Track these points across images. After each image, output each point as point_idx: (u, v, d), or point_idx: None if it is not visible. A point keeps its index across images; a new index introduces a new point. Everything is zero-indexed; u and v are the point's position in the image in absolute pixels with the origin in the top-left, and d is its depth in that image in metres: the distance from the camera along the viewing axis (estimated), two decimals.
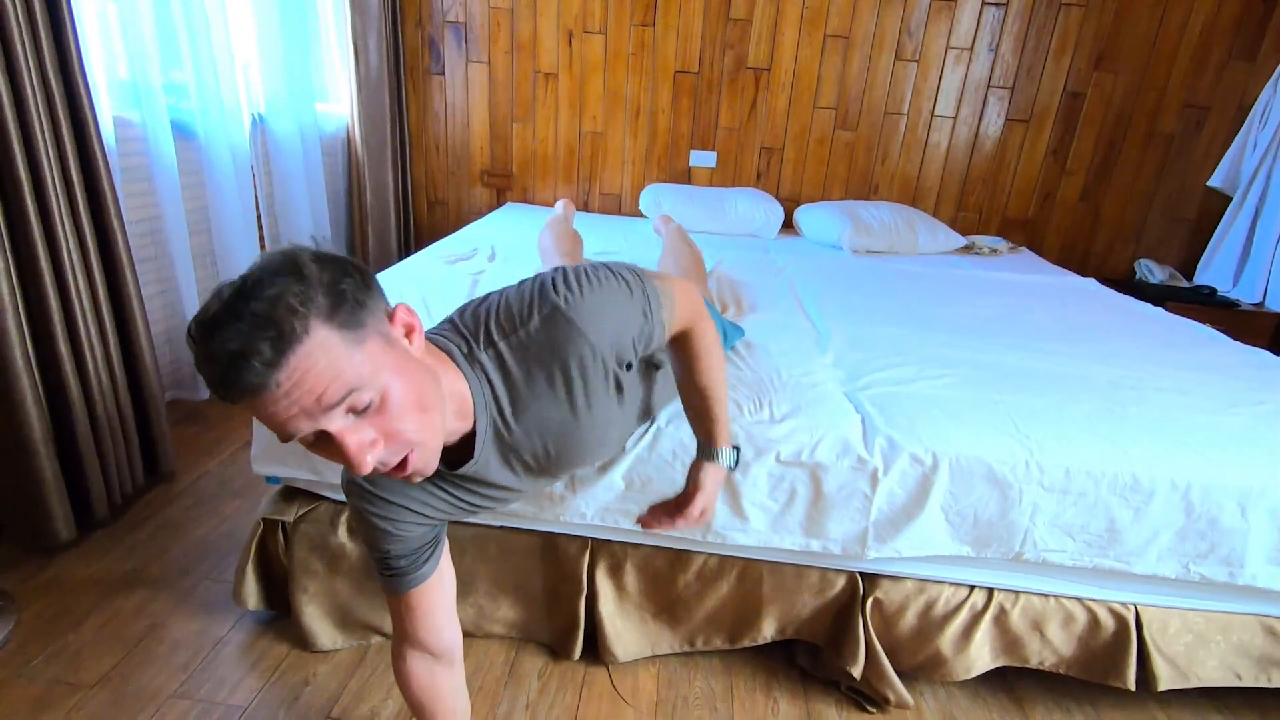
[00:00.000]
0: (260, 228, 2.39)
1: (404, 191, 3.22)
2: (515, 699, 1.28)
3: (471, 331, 0.84)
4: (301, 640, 1.35)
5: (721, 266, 2.34)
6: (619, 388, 0.90)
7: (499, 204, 3.30)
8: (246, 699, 1.24)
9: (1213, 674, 1.30)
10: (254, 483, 1.85)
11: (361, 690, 1.27)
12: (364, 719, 1.22)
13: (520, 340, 0.83)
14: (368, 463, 0.66)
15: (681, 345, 0.98)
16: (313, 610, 1.35)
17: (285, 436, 0.64)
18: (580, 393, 0.86)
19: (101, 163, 1.54)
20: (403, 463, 0.70)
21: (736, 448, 1.06)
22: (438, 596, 0.97)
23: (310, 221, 2.59)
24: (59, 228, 1.45)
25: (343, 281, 0.64)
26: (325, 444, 0.66)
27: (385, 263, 2.96)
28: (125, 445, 1.68)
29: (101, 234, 1.58)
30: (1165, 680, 1.28)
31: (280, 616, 1.42)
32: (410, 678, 0.99)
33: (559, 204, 2.60)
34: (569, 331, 0.82)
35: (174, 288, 2.03)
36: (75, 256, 1.50)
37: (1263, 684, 1.30)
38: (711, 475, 1.02)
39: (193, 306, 2.06)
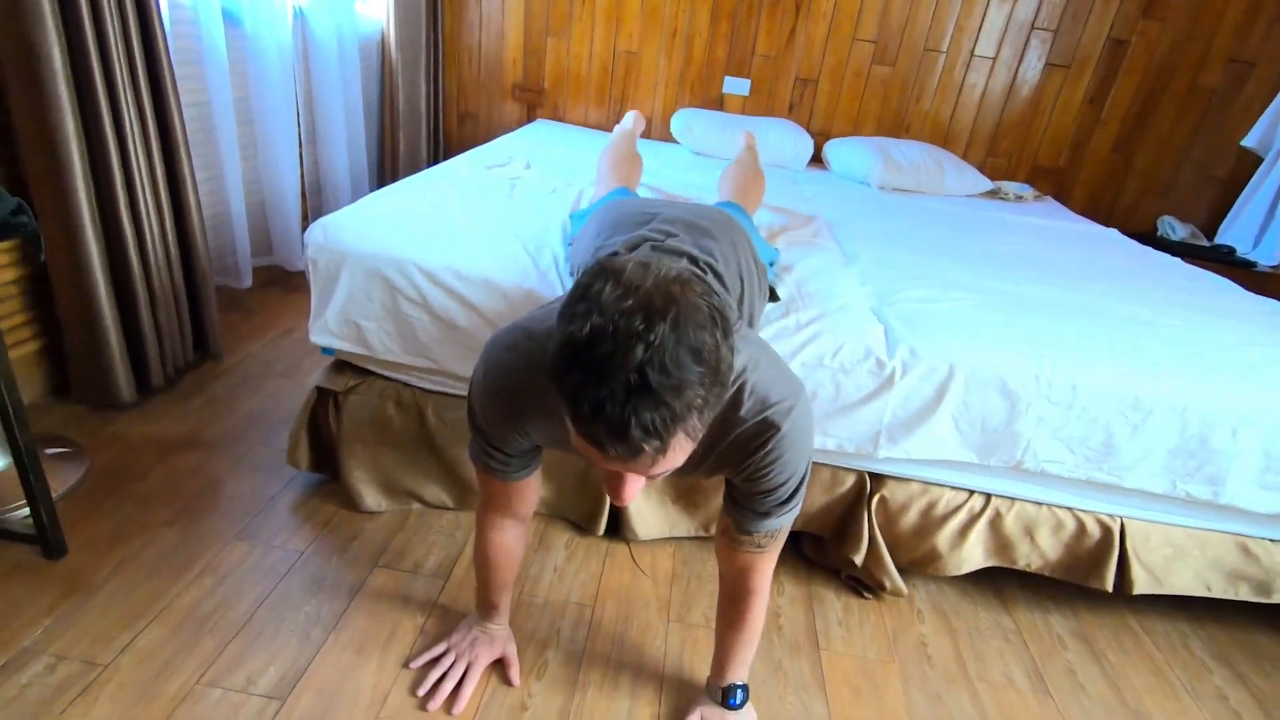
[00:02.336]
0: (299, 125, 2.42)
1: (435, 101, 3.21)
2: (545, 563, 1.41)
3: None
4: (349, 501, 1.46)
5: None
6: None
7: (529, 120, 3.30)
8: (303, 545, 1.36)
9: (1186, 584, 1.41)
10: (296, 365, 1.95)
11: (405, 546, 1.40)
12: (409, 570, 1.34)
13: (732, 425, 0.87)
14: (631, 500, 0.74)
15: (745, 587, 1.03)
16: (360, 474, 1.46)
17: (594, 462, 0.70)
18: None
19: (161, 39, 1.58)
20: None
21: (746, 685, 1.11)
22: (536, 479, 1.07)
23: (344, 124, 2.61)
24: (122, 97, 1.49)
25: (720, 387, 0.67)
26: (597, 464, 0.72)
27: (414, 171, 2.98)
28: (178, 321, 1.76)
29: (160, 109, 1.62)
30: (1140, 585, 1.39)
31: (328, 481, 1.53)
32: (498, 543, 1.10)
33: (628, 116, 2.41)
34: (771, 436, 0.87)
35: (219, 175, 2.08)
36: (136, 129, 1.55)
37: (1230, 596, 1.42)
38: (718, 716, 1.10)
39: (237, 196, 2.11)
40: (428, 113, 3.15)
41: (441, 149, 3.34)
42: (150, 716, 1.01)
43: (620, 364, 0.61)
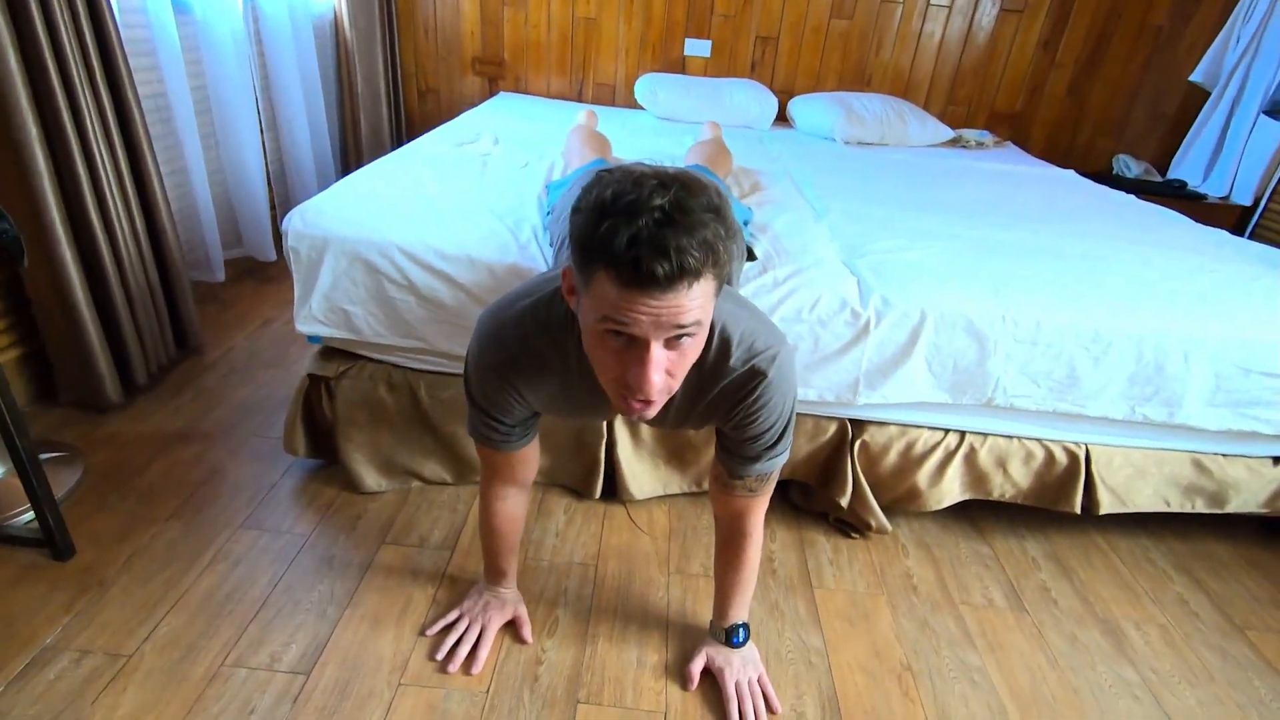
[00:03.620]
0: (259, 112, 2.37)
1: (394, 79, 3.16)
2: (546, 529, 1.46)
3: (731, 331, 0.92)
4: (349, 483, 1.49)
5: None
6: None
7: (491, 93, 3.26)
8: (309, 528, 1.39)
9: (1146, 501, 1.51)
10: (283, 354, 1.96)
11: (410, 522, 1.44)
12: (415, 545, 1.39)
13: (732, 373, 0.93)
14: (655, 386, 0.75)
15: (739, 530, 1.09)
16: (358, 457, 1.49)
17: (616, 324, 0.72)
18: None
19: (113, 31, 1.54)
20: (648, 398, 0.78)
21: (747, 624, 1.18)
22: (535, 446, 1.12)
23: (304, 108, 2.56)
24: (80, 93, 1.47)
25: (733, 242, 0.73)
26: (622, 350, 0.75)
27: (378, 153, 2.95)
28: (156, 317, 1.76)
29: (118, 104, 1.59)
30: (1106, 506, 1.49)
31: (326, 465, 1.56)
32: (503, 512, 1.14)
33: (581, 114, 2.47)
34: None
35: (183, 168, 2.05)
36: (97, 125, 1.53)
37: (1187, 509, 1.52)
38: (723, 655, 1.16)
39: (202, 187, 2.08)
40: (387, 91, 3.10)
41: (404, 128, 3.30)
42: (181, 699, 1.05)
43: (645, 205, 0.68)
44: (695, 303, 0.71)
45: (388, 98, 3.11)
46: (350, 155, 3.02)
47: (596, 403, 0.97)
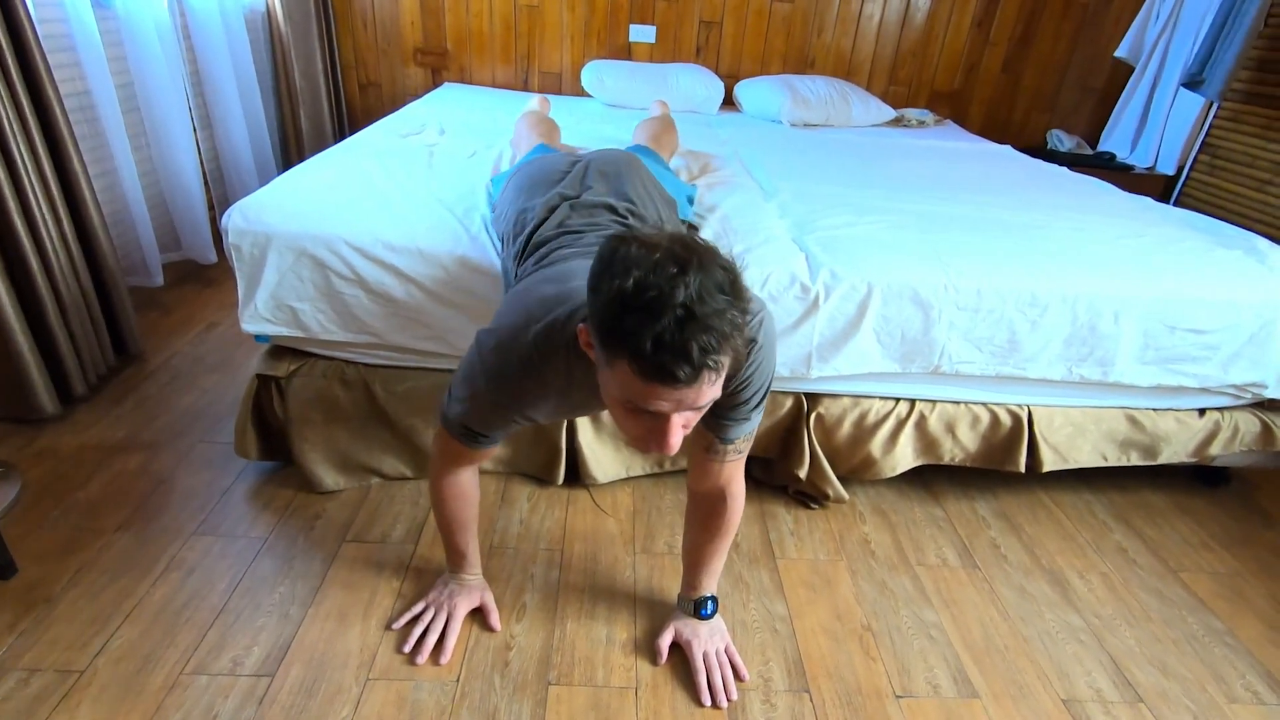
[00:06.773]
0: (190, 109, 2.29)
1: (333, 72, 3.08)
2: (510, 518, 1.46)
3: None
4: (306, 484, 1.47)
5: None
6: None
7: (435, 84, 3.20)
8: (266, 531, 1.36)
9: (1086, 457, 1.58)
10: (228, 357, 1.90)
11: (370, 519, 1.42)
12: (378, 540, 1.37)
13: None
14: (676, 448, 0.81)
15: (726, 494, 1.11)
16: (315, 456, 1.46)
17: (636, 408, 0.77)
18: None
19: (28, 26, 1.47)
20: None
21: (715, 597, 1.21)
22: None
23: (240, 104, 2.49)
24: None
25: (745, 313, 0.75)
26: (643, 418, 0.80)
27: (320, 148, 2.87)
28: (92, 324, 1.69)
29: (38, 102, 1.52)
30: (1049, 463, 1.55)
31: (280, 467, 1.53)
32: (457, 491, 1.14)
33: (533, 100, 2.47)
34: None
35: (112, 170, 1.96)
36: (15, 125, 1.46)
37: (1123, 463, 1.60)
38: (691, 628, 1.18)
39: (134, 189, 2.00)
40: (327, 85, 3.02)
41: (346, 123, 3.22)
42: (139, 711, 1.02)
43: (668, 302, 0.69)
44: (715, 389, 0.76)
45: (328, 92, 3.03)
46: (291, 152, 2.94)
47: (592, 403, 1.01)
